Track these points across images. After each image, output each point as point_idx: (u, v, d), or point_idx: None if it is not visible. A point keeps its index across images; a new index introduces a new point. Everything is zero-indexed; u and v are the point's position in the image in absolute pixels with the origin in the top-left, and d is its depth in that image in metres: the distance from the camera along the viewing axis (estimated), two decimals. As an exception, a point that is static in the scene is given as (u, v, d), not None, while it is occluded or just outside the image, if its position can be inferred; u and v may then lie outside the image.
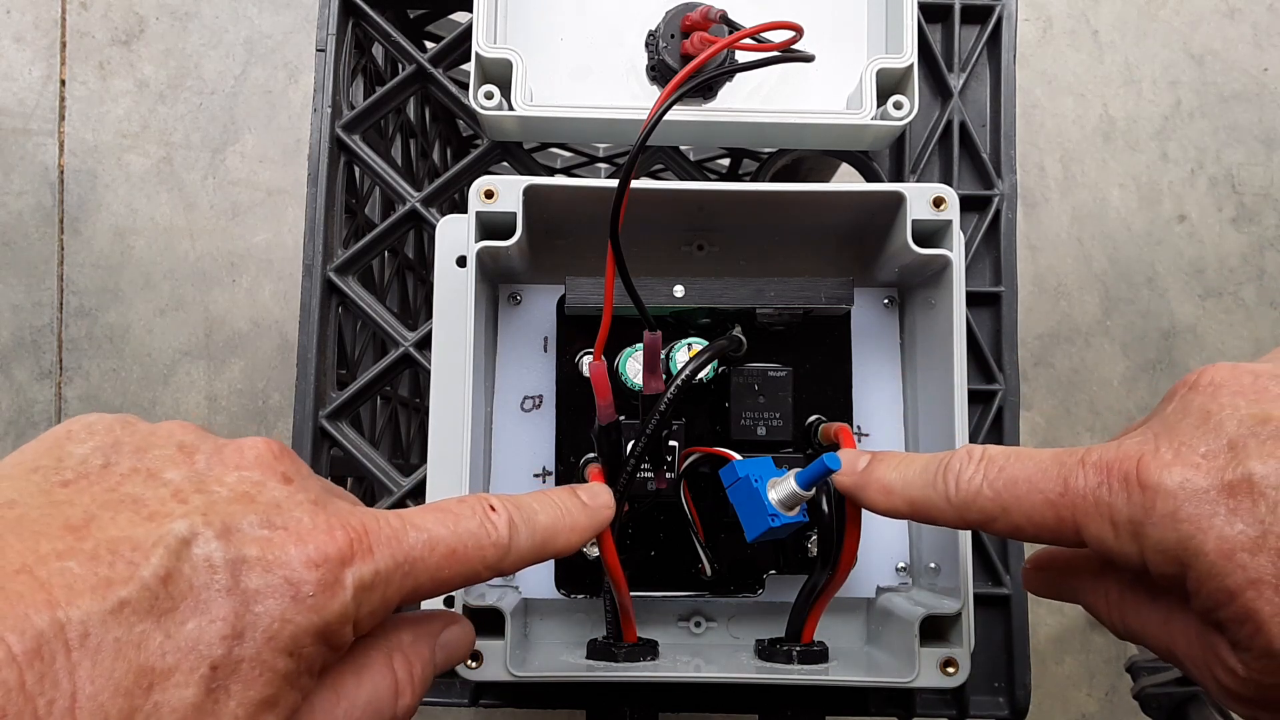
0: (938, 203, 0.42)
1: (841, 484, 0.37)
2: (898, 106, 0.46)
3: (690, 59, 0.44)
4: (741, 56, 0.45)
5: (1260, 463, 0.27)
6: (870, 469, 0.36)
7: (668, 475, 0.42)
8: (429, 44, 0.61)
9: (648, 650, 0.41)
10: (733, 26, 0.45)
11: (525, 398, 0.46)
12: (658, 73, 0.48)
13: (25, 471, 0.26)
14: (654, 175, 0.67)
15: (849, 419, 0.45)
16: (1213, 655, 0.28)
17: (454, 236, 0.46)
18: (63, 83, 1.27)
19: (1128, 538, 0.28)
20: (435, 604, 0.41)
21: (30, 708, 0.21)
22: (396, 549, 0.27)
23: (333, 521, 0.26)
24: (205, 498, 0.26)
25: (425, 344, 0.49)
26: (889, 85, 0.47)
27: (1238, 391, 0.29)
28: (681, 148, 0.51)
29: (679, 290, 0.42)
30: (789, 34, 0.43)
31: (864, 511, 0.37)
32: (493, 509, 0.30)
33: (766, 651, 0.42)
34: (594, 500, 0.35)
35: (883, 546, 0.46)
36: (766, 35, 0.43)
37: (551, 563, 0.44)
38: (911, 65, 0.46)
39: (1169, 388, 0.31)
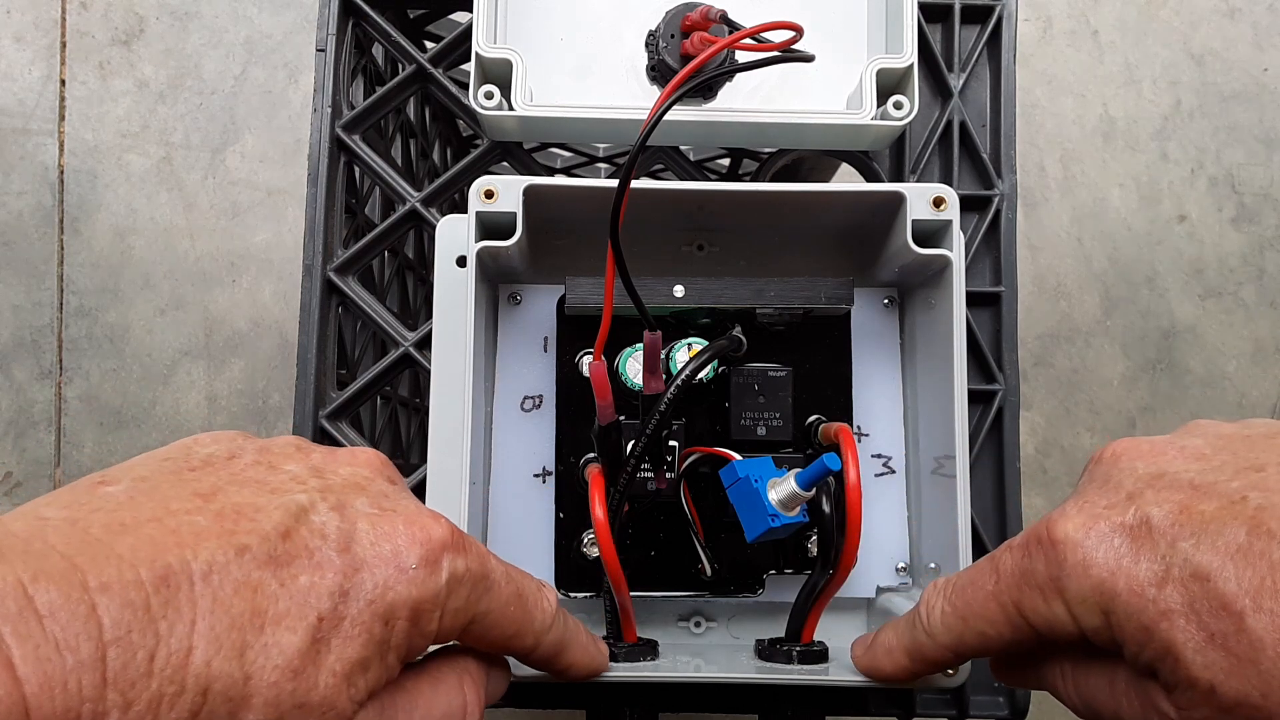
0: (938, 203, 0.42)
1: (860, 666, 0.39)
2: (898, 106, 0.46)
3: (690, 59, 0.44)
4: (741, 56, 0.45)
5: (1156, 507, 0.29)
6: (874, 638, 0.38)
7: (668, 475, 0.42)
8: (429, 44, 0.61)
9: (648, 650, 0.41)
10: (733, 26, 0.45)
11: (525, 398, 0.46)
12: (658, 73, 0.48)
13: (157, 461, 0.28)
14: (654, 175, 0.67)
15: (849, 419, 0.46)
16: (1151, 708, 0.29)
17: (454, 236, 0.46)
18: (63, 83, 1.27)
19: (1054, 597, 0.30)
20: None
21: (153, 628, 0.23)
22: (485, 561, 0.30)
23: (436, 514, 0.30)
24: (321, 481, 0.29)
25: (425, 344, 0.49)
26: (889, 85, 0.47)
27: (1136, 457, 0.31)
28: (681, 148, 0.51)
29: (679, 290, 0.42)
30: (789, 34, 0.43)
31: (864, 511, 0.37)
32: (544, 587, 0.33)
33: (766, 651, 0.42)
34: (603, 648, 0.38)
35: (883, 546, 0.46)
36: (766, 35, 0.43)
37: (551, 562, 0.44)
38: (911, 65, 0.46)
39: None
